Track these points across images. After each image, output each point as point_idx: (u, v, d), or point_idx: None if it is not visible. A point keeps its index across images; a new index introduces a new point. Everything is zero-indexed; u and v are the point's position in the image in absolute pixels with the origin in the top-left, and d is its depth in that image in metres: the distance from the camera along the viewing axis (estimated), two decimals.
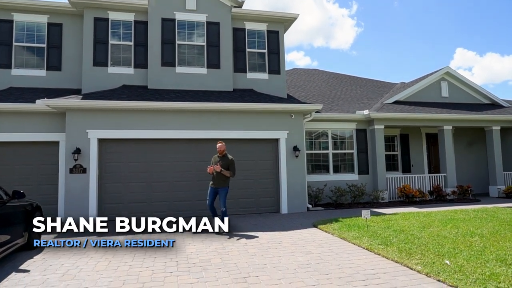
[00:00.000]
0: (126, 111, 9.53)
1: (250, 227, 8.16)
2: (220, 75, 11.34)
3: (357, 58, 57.44)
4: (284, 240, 6.66)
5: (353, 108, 13.42)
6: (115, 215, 9.30)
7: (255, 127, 10.32)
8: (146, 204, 9.59)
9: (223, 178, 7.44)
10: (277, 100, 10.73)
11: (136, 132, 9.57)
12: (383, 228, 7.34)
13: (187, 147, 9.96)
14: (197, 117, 9.95)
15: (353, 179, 12.51)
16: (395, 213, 9.57)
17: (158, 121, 9.71)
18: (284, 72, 12.20)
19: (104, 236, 6.11)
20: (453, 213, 9.24)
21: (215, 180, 7.44)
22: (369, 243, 6.12)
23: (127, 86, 10.74)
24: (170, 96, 10.22)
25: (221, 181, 7.44)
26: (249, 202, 10.27)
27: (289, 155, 10.49)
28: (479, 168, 15.19)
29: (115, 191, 9.46)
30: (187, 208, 9.74)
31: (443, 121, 13.29)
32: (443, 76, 14.64)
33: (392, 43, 54.00)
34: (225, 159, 7.48)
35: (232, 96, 10.81)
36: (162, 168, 9.83)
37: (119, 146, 9.64)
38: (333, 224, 7.97)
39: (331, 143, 12.70)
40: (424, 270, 4.62)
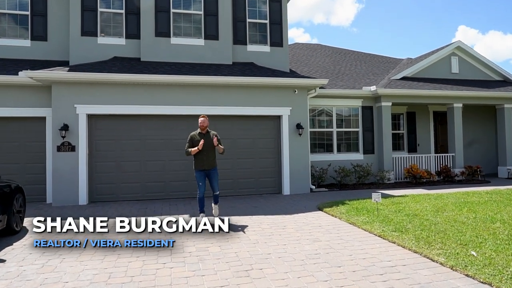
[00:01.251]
0: (118, 85, 8.83)
1: (251, 209, 7.64)
2: (218, 47, 10.55)
3: (358, 35, 55.96)
4: (288, 225, 6.14)
5: (359, 84, 12.71)
6: (107, 196, 8.88)
7: (256, 103, 9.65)
8: (139, 185, 9.04)
9: (214, 156, 6.34)
10: (279, 74, 10.01)
11: (129, 107, 8.90)
12: (394, 212, 6.83)
13: (183, 123, 9.30)
14: (194, 92, 9.26)
15: (357, 158, 11.96)
16: (403, 195, 9.07)
17: (152, 96, 9.02)
18: (287, 44, 11.40)
19: (104, 235, 5.55)
20: (465, 196, 8.74)
21: (206, 161, 6.17)
22: (381, 229, 5.61)
23: (119, 58, 9.97)
24: (165, 69, 9.48)
25: (213, 160, 6.29)
26: (249, 183, 9.74)
27: (291, 133, 9.88)
28: (487, 148, 14.66)
29: (106, 170, 8.88)
30: (184, 189, 9.21)
31: (454, 98, 12.62)
32: (454, 51, 13.84)
33: (393, 20, 52.45)
34: (209, 135, 6.27)
35: (232, 69, 10.08)
36: (157, 146, 9.22)
37: (110, 122, 8.99)
38: (339, 207, 7.46)
39: (335, 121, 12.05)
40: (449, 263, 4.10)
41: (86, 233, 4.95)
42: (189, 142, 6.26)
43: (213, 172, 6.30)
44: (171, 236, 5.01)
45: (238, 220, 6.58)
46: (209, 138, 6.18)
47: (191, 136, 6.29)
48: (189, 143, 6.26)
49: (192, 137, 6.28)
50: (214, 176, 6.31)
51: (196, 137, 6.22)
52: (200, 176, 6.25)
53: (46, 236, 4.80)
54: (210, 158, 6.25)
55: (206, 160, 6.20)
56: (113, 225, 5.02)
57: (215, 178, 6.32)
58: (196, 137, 6.22)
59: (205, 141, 6.08)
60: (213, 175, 6.29)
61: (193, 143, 6.20)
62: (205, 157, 6.17)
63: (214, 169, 6.32)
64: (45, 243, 4.66)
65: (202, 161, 6.19)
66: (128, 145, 9.05)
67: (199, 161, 6.19)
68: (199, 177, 6.24)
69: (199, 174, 6.25)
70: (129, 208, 7.91)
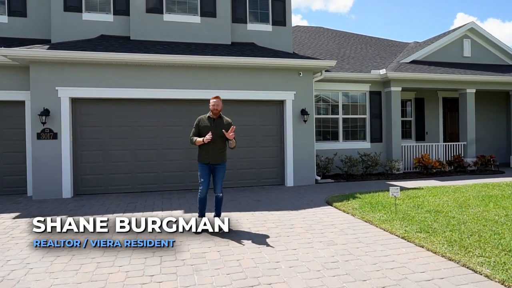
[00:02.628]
0: (105, 66, 7.96)
1: (253, 204, 6.90)
2: (216, 25, 9.65)
3: (356, 22, 54.80)
4: (296, 224, 5.41)
5: (366, 67, 11.87)
6: (94, 188, 8.09)
7: (258, 87, 8.82)
8: (129, 176, 8.25)
9: (224, 148, 5.15)
10: (283, 55, 9.15)
11: (117, 90, 8.04)
12: (413, 208, 6.11)
13: (179, 109, 8.50)
14: (189, 74, 8.41)
15: (364, 147, 11.21)
16: (418, 187, 8.35)
17: (144, 78, 8.16)
18: (291, 23, 10.51)
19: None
20: (485, 188, 8.04)
21: (212, 153, 4.98)
22: (404, 229, 4.89)
23: (106, 37, 9.05)
24: (157, 48, 8.59)
25: (221, 154, 5.09)
26: (250, 173, 8.99)
27: (296, 119, 9.08)
28: (498, 136, 13.95)
29: (93, 160, 8.08)
30: (178, 180, 8.45)
31: (467, 83, 11.83)
32: (466, 33, 12.99)
33: (392, 7, 51.27)
34: (222, 122, 5.10)
35: (231, 50, 9.20)
36: (148, 133, 8.40)
37: (97, 107, 8.15)
38: (350, 201, 6.73)
39: (341, 106, 11.25)
40: (497, 276, 3.38)
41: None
42: (196, 128, 5.11)
43: (220, 168, 5.10)
44: (168, 236, 4.26)
45: (240, 216, 5.84)
46: (221, 125, 5.03)
47: (199, 120, 5.15)
48: (195, 128, 5.11)
49: (199, 122, 5.12)
50: (220, 173, 5.10)
51: (205, 122, 5.05)
52: (203, 170, 5.05)
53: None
54: (218, 150, 5.04)
55: (213, 152, 4.99)
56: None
57: (220, 175, 5.10)
58: (205, 122, 5.05)
59: (215, 129, 4.94)
60: (218, 172, 5.10)
61: (199, 129, 5.06)
62: (211, 149, 4.96)
63: (222, 164, 5.12)
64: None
65: (207, 153, 4.99)
66: (117, 132, 8.23)
67: (204, 152, 5.02)
68: (202, 171, 5.05)
69: (202, 168, 5.06)
70: (117, 202, 7.15)
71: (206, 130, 4.95)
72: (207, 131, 4.90)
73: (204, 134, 4.94)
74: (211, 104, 5.04)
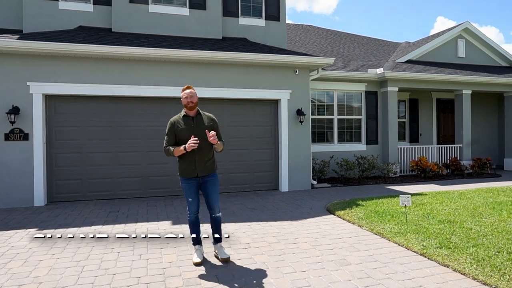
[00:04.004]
0: (83, 59, 7.19)
1: (247, 213, 6.29)
2: (205, 18, 8.99)
3: (339, 23, 55.08)
4: (300, 238, 4.83)
5: (362, 66, 11.43)
6: (70, 195, 7.31)
7: (251, 85, 8.21)
8: (110, 181, 7.51)
9: (212, 153, 3.96)
10: (278, 51, 8.57)
11: (97, 87, 7.29)
12: (422, 217, 5.63)
13: (165, 108, 7.80)
14: (178, 70, 7.72)
15: (360, 149, 10.75)
16: (420, 192, 7.91)
17: (127, 74, 7.43)
18: (285, 19, 9.95)
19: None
20: (490, 194, 7.67)
21: (199, 162, 3.81)
22: (421, 244, 4.37)
23: (85, 28, 8.28)
24: (141, 41, 7.88)
25: (211, 162, 3.93)
26: (242, 178, 8.37)
27: (291, 120, 8.52)
28: (490, 138, 13.77)
29: (69, 163, 7.30)
30: (164, 185, 7.77)
31: (464, 84, 11.55)
32: (461, 33, 12.73)
33: (374, 10, 51.75)
34: (203, 119, 3.91)
35: (222, 45, 8.56)
36: (133, 134, 7.68)
37: (74, 105, 7.37)
38: (354, 209, 6.21)
39: (336, 107, 10.76)
40: None
41: None
42: (170, 134, 3.85)
43: (212, 180, 3.90)
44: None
45: (236, 229, 5.22)
46: (203, 124, 3.86)
47: (172, 124, 3.86)
48: (169, 135, 3.85)
49: (173, 125, 3.84)
50: (213, 186, 3.90)
51: (181, 124, 3.82)
52: (190, 187, 3.83)
53: None
54: (206, 157, 3.85)
55: (200, 162, 3.80)
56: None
57: (214, 190, 3.90)
58: (181, 124, 3.82)
59: (198, 131, 3.77)
60: (211, 186, 3.88)
61: (175, 134, 3.81)
62: (197, 157, 3.78)
63: (213, 175, 3.93)
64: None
65: (192, 164, 3.79)
66: (96, 133, 7.47)
67: (188, 163, 3.80)
68: (189, 188, 3.84)
69: (189, 184, 3.84)
70: (97, 211, 6.42)
71: (186, 134, 3.75)
72: (188, 135, 3.71)
73: (183, 140, 3.75)
74: (184, 97, 3.81)
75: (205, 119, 3.93)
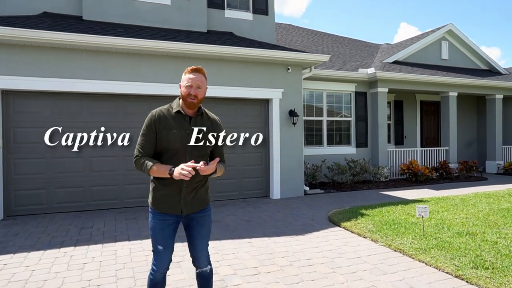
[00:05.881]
0: (49, 50, 6.19)
1: (244, 226, 5.57)
2: (189, 9, 8.18)
3: (308, 26, 55.86)
4: (313, 258, 4.17)
5: (350, 66, 11.00)
6: (33, 208, 6.25)
7: (240, 83, 7.50)
8: (82, 190, 6.53)
9: (205, 179, 2.47)
10: (268, 47, 7.90)
11: (65, 82, 6.29)
12: (436, 228, 5.16)
13: (145, 106, 6.93)
14: (157, 64, 6.87)
15: (350, 152, 10.30)
16: (420, 199, 7.51)
17: (100, 67, 6.49)
18: (274, 13, 9.31)
19: None
20: (490, 199, 7.38)
21: (186, 191, 2.36)
22: (453, 264, 3.85)
23: (50, 14, 7.24)
24: (117, 31, 6.95)
25: (202, 190, 2.46)
26: (230, 184, 7.63)
27: (283, 121, 7.88)
28: (469, 141, 13.82)
29: (32, 170, 6.26)
30: (144, 194, 6.85)
31: (451, 86, 11.42)
32: (444, 35, 12.67)
33: (341, 14, 52.90)
34: (203, 124, 2.46)
35: (207, 38, 7.78)
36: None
37: (38, 102, 6.34)
38: (359, 220, 5.65)
39: (325, 108, 10.24)
40: None
41: None
42: (147, 137, 2.37)
43: (202, 218, 2.48)
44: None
45: (236, 248, 4.48)
46: (204, 130, 2.43)
47: (154, 121, 2.38)
48: (145, 138, 2.37)
49: (155, 123, 2.37)
50: (203, 228, 2.48)
51: (169, 126, 2.36)
52: (162, 229, 2.39)
53: None
54: (196, 182, 2.40)
55: (187, 190, 2.37)
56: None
57: (204, 233, 2.49)
58: (169, 126, 2.36)
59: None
60: (199, 227, 2.47)
61: (157, 138, 2.35)
62: (186, 183, 2.34)
63: (204, 210, 2.50)
64: None
65: (174, 192, 2.37)
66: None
67: (168, 190, 2.37)
68: (160, 230, 2.39)
69: (161, 224, 2.39)
70: (66, 226, 5.46)
71: (176, 143, 2.33)
72: (180, 145, 2.33)
73: (169, 149, 2.33)
74: (186, 84, 2.40)
75: (206, 123, 2.48)
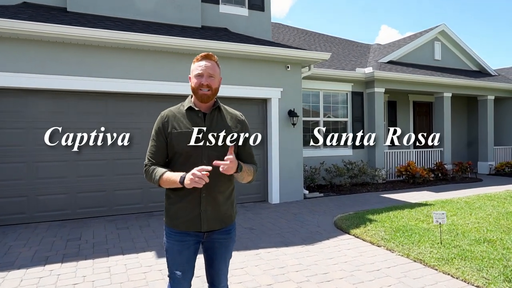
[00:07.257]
0: (30, 43, 5.62)
1: (247, 234, 5.17)
2: (182, 2, 7.72)
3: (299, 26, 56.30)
4: (330, 271, 3.81)
5: (346, 66, 10.75)
6: (13, 217, 5.66)
7: (237, 81, 7.09)
8: (68, 197, 5.99)
9: (232, 189, 2.10)
10: (266, 43, 7.53)
11: (48, 78, 5.74)
12: (451, 234, 4.90)
13: (136, 106, 6.45)
14: (150, 60, 6.38)
15: (346, 154, 10.04)
16: (424, 202, 7.27)
17: (86, 63, 5.96)
18: (270, 9, 8.93)
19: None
20: (493, 201, 7.22)
21: (207, 202, 1.97)
22: (481, 276, 3.57)
23: (31, 5, 6.66)
24: (106, 24, 6.43)
25: (228, 203, 2.06)
26: None
27: (282, 122, 7.52)
28: (459, 142, 13.83)
29: (11, 176, 5.68)
30: (136, 200, 6.40)
31: (446, 86, 11.34)
32: (437, 35, 12.60)
33: (323, 16, 53.40)
34: (223, 121, 2.08)
35: (202, 33, 7.34)
36: (95, 138, 6.21)
37: (17, 101, 5.77)
38: (368, 226, 5.34)
39: (322, 108, 9.94)
40: None
41: None
42: (156, 142, 2.02)
43: (225, 240, 2.07)
44: None
45: (244, 261, 4.08)
46: (221, 129, 2.04)
47: (163, 123, 2.03)
48: (155, 143, 2.02)
49: (164, 126, 2.02)
50: (225, 250, 2.08)
51: (180, 126, 1.99)
52: (180, 251, 2.02)
53: None
54: (221, 192, 2.02)
55: (208, 201, 1.98)
56: None
57: (226, 256, 2.10)
58: (180, 126, 1.99)
59: (211, 143, 2.00)
60: (222, 249, 2.07)
61: (168, 142, 1.99)
62: (204, 192, 1.95)
63: (229, 229, 2.08)
64: None
65: (193, 205, 1.97)
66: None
67: (186, 202, 1.98)
68: (178, 252, 2.02)
69: (180, 245, 2.02)
70: (50, 238, 4.93)
71: (187, 145, 1.96)
72: (194, 148, 1.96)
73: (182, 154, 1.98)
74: (196, 73, 2.01)
75: (228, 119, 2.08)
